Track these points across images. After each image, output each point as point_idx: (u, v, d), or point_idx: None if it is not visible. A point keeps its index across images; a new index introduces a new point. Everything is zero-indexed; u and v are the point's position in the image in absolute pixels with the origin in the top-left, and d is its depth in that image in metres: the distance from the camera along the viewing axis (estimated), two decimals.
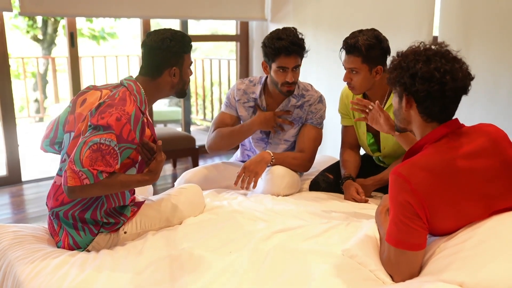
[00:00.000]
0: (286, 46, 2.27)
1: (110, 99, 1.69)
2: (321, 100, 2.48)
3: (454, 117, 1.49)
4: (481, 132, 1.47)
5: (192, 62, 1.91)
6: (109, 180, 1.57)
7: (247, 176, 2.32)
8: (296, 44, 2.28)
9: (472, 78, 1.43)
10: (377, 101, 1.94)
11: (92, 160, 1.54)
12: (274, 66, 2.33)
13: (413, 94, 1.43)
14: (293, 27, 2.35)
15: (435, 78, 1.38)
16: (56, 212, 1.73)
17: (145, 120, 1.73)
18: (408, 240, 1.37)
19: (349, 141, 2.50)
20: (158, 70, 1.81)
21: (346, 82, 2.25)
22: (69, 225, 1.73)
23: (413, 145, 1.50)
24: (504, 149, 1.45)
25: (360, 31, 2.18)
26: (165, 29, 1.84)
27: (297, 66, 2.34)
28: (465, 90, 1.43)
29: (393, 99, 1.57)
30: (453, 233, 1.42)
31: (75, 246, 1.75)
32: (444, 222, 1.40)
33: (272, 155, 2.39)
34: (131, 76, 1.83)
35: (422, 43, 1.49)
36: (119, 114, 1.63)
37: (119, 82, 1.84)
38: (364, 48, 2.12)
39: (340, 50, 2.23)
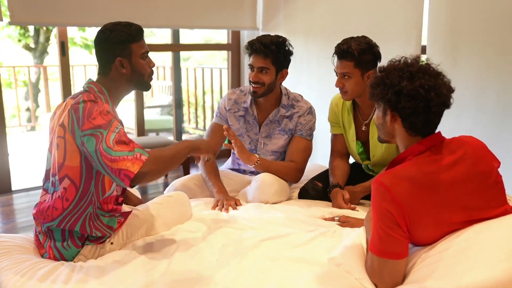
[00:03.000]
0: (252, 44, 2.31)
1: (83, 107, 1.62)
2: (310, 111, 2.49)
3: (440, 127, 1.50)
4: (461, 144, 1.48)
5: (146, 51, 1.78)
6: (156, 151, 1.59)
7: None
8: (264, 44, 2.28)
9: (453, 91, 1.45)
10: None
11: (121, 144, 1.54)
12: None
13: (399, 110, 1.44)
14: (282, 37, 2.36)
15: (420, 95, 1.39)
16: (48, 227, 1.72)
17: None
18: (389, 249, 1.39)
19: (338, 149, 2.52)
20: (106, 64, 1.73)
21: (338, 88, 2.27)
22: (59, 239, 1.72)
23: (397, 156, 1.52)
24: (483, 160, 1.47)
25: (352, 37, 2.23)
26: (110, 23, 1.75)
27: (264, 68, 2.32)
28: (448, 105, 1.44)
29: (376, 113, 1.57)
30: (433, 243, 1.43)
31: (61, 259, 1.73)
32: (424, 232, 1.41)
33: (258, 158, 2.37)
34: (91, 79, 1.78)
35: (403, 58, 1.50)
36: (104, 108, 1.62)
37: (82, 88, 1.79)
38: (357, 52, 2.16)
39: (333, 56, 2.25)
